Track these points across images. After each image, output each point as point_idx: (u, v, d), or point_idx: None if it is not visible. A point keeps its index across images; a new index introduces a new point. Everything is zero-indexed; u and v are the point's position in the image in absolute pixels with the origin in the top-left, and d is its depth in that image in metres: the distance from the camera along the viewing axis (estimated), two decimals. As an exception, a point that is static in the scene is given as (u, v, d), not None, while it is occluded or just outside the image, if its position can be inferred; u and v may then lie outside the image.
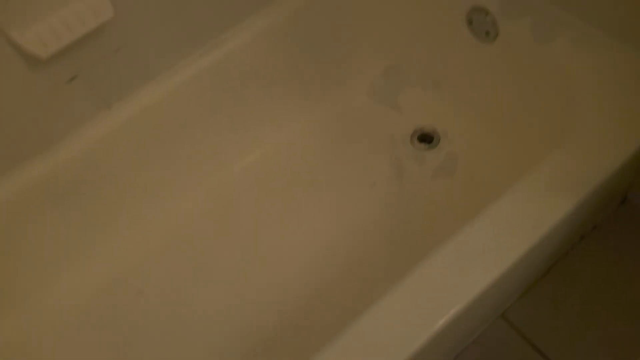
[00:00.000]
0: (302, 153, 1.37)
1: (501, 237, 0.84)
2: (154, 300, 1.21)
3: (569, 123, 1.02)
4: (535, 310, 1.14)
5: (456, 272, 0.82)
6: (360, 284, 1.14)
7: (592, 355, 1.08)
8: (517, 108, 1.20)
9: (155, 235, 1.28)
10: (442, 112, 1.35)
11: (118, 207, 1.22)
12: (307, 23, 1.29)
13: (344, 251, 1.20)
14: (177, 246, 1.27)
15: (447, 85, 1.35)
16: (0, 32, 0.89)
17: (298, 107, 1.39)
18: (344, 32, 1.36)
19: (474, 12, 1.15)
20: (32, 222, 1.12)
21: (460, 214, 1.13)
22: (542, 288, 1.16)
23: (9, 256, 1.13)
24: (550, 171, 0.90)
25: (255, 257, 1.23)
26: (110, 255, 1.25)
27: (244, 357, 1.11)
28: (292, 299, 1.15)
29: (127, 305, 1.20)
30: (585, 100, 0.99)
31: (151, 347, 1.15)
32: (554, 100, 1.09)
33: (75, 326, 1.19)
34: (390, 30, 1.37)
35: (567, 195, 0.87)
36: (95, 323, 1.19)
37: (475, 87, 1.28)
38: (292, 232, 1.25)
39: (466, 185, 1.24)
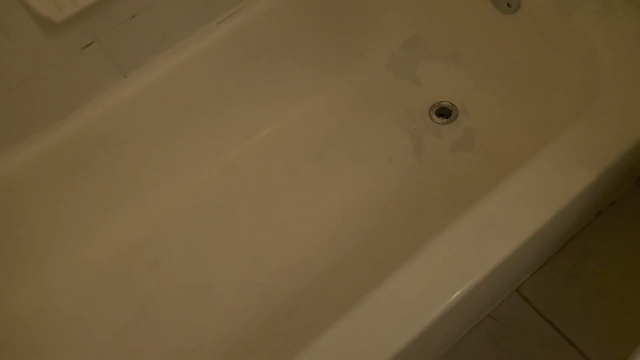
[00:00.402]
0: (319, 126, 1.36)
1: (518, 210, 0.83)
2: (170, 267, 1.22)
3: (590, 96, 1.00)
4: (550, 285, 1.14)
5: (473, 244, 0.82)
6: (377, 256, 1.14)
7: (606, 330, 1.08)
8: (537, 81, 1.18)
9: (171, 205, 1.28)
10: (461, 85, 1.33)
11: (135, 176, 1.23)
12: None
13: (361, 223, 1.20)
14: (193, 216, 1.27)
15: (467, 59, 1.33)
16: (16, -6, 0.88)
17: (316, 80, 1.38)
18: (363, 4, 1.33)
19: (496, -17, 1.13)
20: (50, 188, 1.13)
21: (478, 187, 1.12)
22: (558, 263, 1.16)
23: (28, 221, 1.14)
24: (570, 144, 0.88)
25: (272, 229, 1.23)
26: (127, 224, 1.26)
27: (260, 326, 1.12)
28: (308, 269, 1.16)
29: (143, 272, 1.22)
30: (607, 73, 0.97)
31: (166, 313, 1.17)
32: (575, 73, 1.07)
33: (91, 291, 1.21)
34: (410, 1, 1.34)
35: (586, 169, 0.86)
36: (111, 289, 1.21)
37: (495, 60, 1.26)
38: (308, 203, 1.25)
39: (485, 159, 1.23)
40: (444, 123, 1.30)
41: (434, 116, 1.32)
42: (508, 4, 1.13)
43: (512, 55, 1.21)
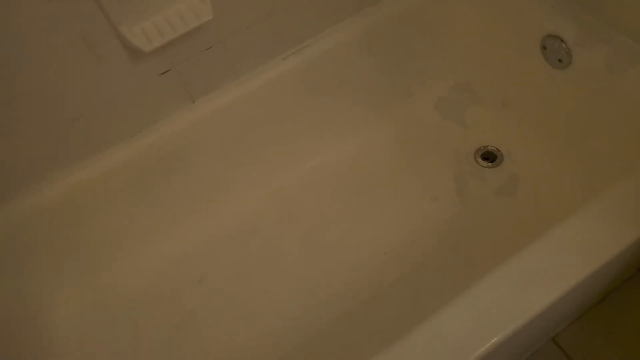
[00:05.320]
0: (368, 160, 1.41)
1: (561, 261, 0.86)
2: (214, 285, 1.27)
3: (636, 154, 1.02)
4: (586, 336, 1.14)
5: (515, 291, 0.84)
6: (416, 292, 1.17)
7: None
8: (584, 135, 1.21)
9: (221, 224, 1.34)
10: (508, 132, 1.37)
11: (190, 194, 1.29)
12: (384, 36, 1.33)
13: (401, 258, 1.23)
14: (240, 237, 1.33)
15: (515, 107, 1.37)
16: (111, 26, 0.97)
17: (368, 116, 1.44)
18: (418, 47, 1.40)
19: (549, 39, 1.17)
20: (112, 200, 1.20)
21: (519, 233, 1.15)
22: (596, 316, 1.16)
23: (87, 228, 1.21)
24: (616, 200, 0.90)
25: (314, 256, 1.27)
26: (178, 239, 1.32)
27: (295, 350, 1.15)
28: (347, 299, 1.19)
29: (189, 288, 1.27)
30: (657, 133, 1.00)
31: (206, 330, 1.21)
32: (623, 131, 1.10)
33: (137, 301, 1.26)
34: (464, 48, 1.40)
35: (631, 226, 0.87)
36: (157, 301, 1.26)
37: (543, 111, 1.29)
38: (351, 234, 1.29)
39: (527, 205, 1.25)
40: (488, 167, 1.34)
41: (479, 159, 1.36)
42: (560, 60, 1.17)
43: (561, 107, 1.25)
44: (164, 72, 1.10)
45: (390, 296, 1.18)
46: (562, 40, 1.15)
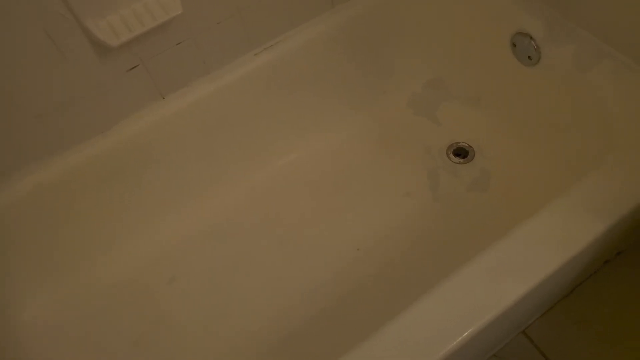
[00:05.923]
0: (341, 157, 1.41)
1: (531, 255, 0.87)
2: (185, 285, 1.25)
3: (604, 149, 1.05)
4: (556, 329, 1.16)
5: (487, 284, 0.85)
6: (390, 287, 1.17)
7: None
8: (553, 130, 1.24)
9: (192, 224, 1.32)
10: (479, 128, 1.39)
11: (161, 193, 1.27)
12: (357, 33, 1.33)
13: (375, 255, 1.23)
14: (213, 236, 1.31)
15: (486, 103, 1.39)
16: (76, 20, 0.94)
17: (341, 113, 1.44)
18: (392, 43, 1.40)
19: (519, 37, 1.19)
20: (81, 200, 1.17)
21: (491, 227, 1.17)
22: (565, 308, 1.18)
23: (54, 230, 1.18)
24: (583, 194, 0.92)
25: (288, 253, 1.27)
26: (149, 239, 1.29)
27: (270, 349, 1.14)
28: (322, 297, 1.19)
29: (159, 288, 1.25)
30: (621, 129, 1.02)
31: (178, 330, 1.19)
32: (590, 126, 1.12)
33: (107, 303, 1.23)
34: (435, 45, 1.41)
35: (598, 219, 0.90)
36: (127, 302, 1.23)
37: (513, 107, 1.32)
38: (325, 231, 1.29)
39: (499, 200, 1.27)
40: (460, 163, 1.35)
41: (452, 155, 1.37)
42: (529, 57, 1.19)
43: (531, 103, 1.27)
44: (132, 68, 1.08)
45: (366, 292, 1.18)
46: (531, 38, 1.17)
